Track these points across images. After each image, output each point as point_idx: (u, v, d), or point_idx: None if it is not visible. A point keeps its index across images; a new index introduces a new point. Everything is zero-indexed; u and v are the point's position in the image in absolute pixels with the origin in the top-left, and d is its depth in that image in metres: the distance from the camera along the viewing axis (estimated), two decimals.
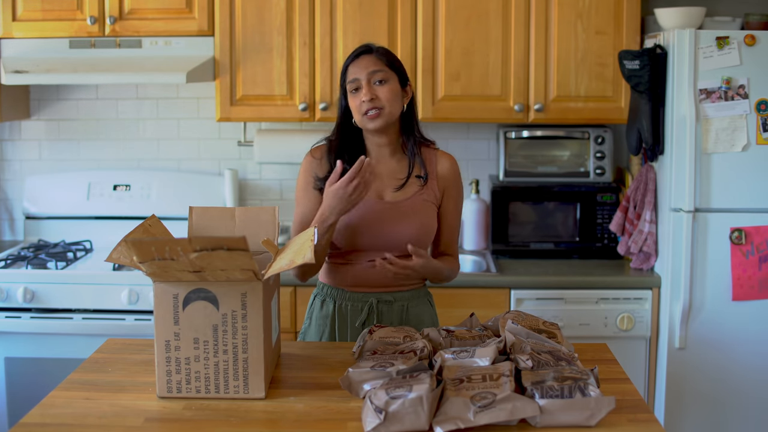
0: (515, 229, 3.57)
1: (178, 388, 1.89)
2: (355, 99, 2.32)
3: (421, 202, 2.37)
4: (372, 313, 2.37)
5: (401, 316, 2.39)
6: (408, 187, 2.38)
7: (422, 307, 2.44)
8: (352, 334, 2.38)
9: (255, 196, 3.89)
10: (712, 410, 3.20)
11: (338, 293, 2.40)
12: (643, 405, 1.88)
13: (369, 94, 2.29)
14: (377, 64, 2.33)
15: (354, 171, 2.17)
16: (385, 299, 2.38)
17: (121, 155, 3.87)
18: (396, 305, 2.39)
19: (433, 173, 2.40)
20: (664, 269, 3.23)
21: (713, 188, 3.13)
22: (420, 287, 2.45)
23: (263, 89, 3.48)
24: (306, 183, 2.40)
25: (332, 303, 2.41)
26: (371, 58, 2.34)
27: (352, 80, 2.32)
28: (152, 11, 3.44)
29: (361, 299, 2.38)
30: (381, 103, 2.30)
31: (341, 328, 2.40)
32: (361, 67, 2.32)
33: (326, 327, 2.41)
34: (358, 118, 2.33)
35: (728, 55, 3.08)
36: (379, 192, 2.38)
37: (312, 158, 2.42)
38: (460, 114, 3.47)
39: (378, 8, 3.41)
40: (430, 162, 2.41)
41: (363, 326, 2.37)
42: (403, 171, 2.39)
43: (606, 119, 3.48)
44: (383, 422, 1.66)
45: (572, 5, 3.39)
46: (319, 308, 2.44)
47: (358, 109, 2.31)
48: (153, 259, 1.77)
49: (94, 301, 3.25)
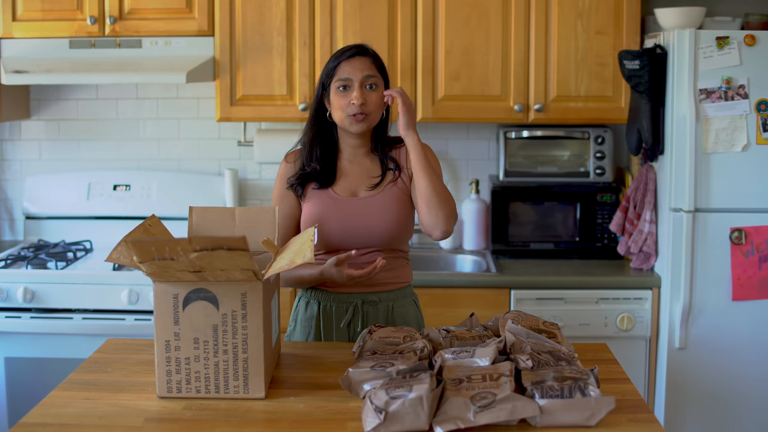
0: (515, 229, 3.57)
1: (178, 388, 1.89)
2: (342, 98, 2.31)
3: (393, 195, 2.37)
4: (357, 314, 2.37)
5: (386, 317, 2.39)
6: (381, 183, 2.39)
7: (408, 307, 2.44)
8: (338, 336, 2.38)
9: (255, 196, 3.89)
10: (712, 410, 3.20)
11: (322, 294, 2.40)
12: (643, 405, 1.88)
13: (362, 98, 2.29)
14: (371, 69, 2.33)
15: (367, 272, 2.22)
16: (369, 299, 2.37)
17: (121, 155, 3.87)
18: (381, 306, 2.38)
19: (404, 165, 2.41)
20: (664, 269, 3.23)
21: (713, 188, 3.13)
22: (405, 286, 2.44)
23: (263, 89, 3.48)
24: (281, 189, 2.43)
25: (317, 304, 2.40)
26: (366, 61, 2.34)
27: (343, 78, 2.31)
28: (152, 11, 3.44)
29: (346, 300, 2.38)
30: (369, 109, 2.31)
31: (326, 329, 2.39)
32: (356, 68, 2.31)
33: (311, 329, 2.40)
34: (340, 116, 2.33)
35: (728, 55, 3.08)
36: (353, 190, 2.39)
37: (286, 163, 2.45)
38: (460, 114, 3.47)
39: (378, 8, 3.41)
40: (401, 156, 2.43)
41: (349, 327, 2.37)
42: (376, 169, 2.40)
43: (606, 119, 3.48)
44: (383, 422, 1.66)
45: (572, 5, 3.39)
46: (304, 310, 2.43)
47: (344, 109, 2.31)
48: (153, 259, 1.77)
49: (94, 301, 3.25)
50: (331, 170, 2.39)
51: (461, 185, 3.83)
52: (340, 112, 2.32)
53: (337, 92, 2.32)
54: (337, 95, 2.32)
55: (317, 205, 2.35)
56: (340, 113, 2.33)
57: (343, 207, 2.36)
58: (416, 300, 2.50)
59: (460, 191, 3.82)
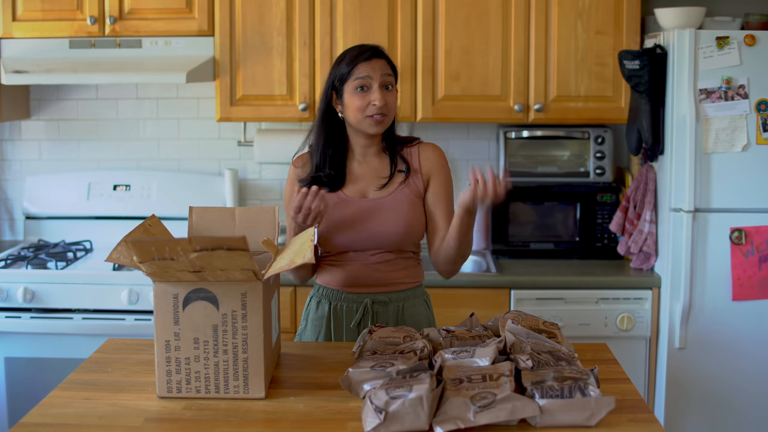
0: (515, 229, 3.58)
1: (178, 388, 1.89)
2: (360, 98, 2.30)
3: (405, 197, 2.37)
4: (367, 314, 2.37)
5: (397, 317, 2.39)
6: (391, 183, 2.38)
7: (418, 307, 2.43)
8: (348, 335, 2.38)
9: (255, 196, 3.89)
10: (712, 410, 3.20)
11: (333, 294, 2.40)
12: (643, 405, 1.88)
13: (383, 99, 2.29)
14: (388, 70, 2.33)
15: (300, 200, 2.17)
16: (380, 300, 2.37)
17: (121, 155, 3.87)
18: (391, 306, 2.38)
19: (416, 166, 2.40)
20: (664, 269, 3.23)
21: (713, 188, 3.13)
22: (416, 286, 2.44)
23: (263, 89, 3.48)
24: (292, 192, 2.41)
25: (327, 304, 2.40)
26: (383, 62, 2.33)
27: (362, 77, 2.29)
28: (152, 11, 3.44)
29: (356, 300, 2.38)
30: (387, 110, 2.31)
31: (336, 329, 2.39)
32: (375, 69, 2.30)
33: (322, 328, 2.41)
34: (357, 117, 2.31)
35: (728, 55, 3.08)
36: (363, 191, 2.38)
37: (294, 168, 2.44)
38: (460, 114, 3.47)
39: (378, 8, 3.41)
40: (412, 157, 2.41)
41: (359, 327, 2.37)
42: (385, 169, 2.40)
43: (606, 119, 3.48)
44: (383, 422, 1.66)
45: (572, 5, 3.39)
46: (315, 309, 2.43)
47: (362, 110, 2.29)
48: (153, 259, 1.77)
49: (94, 301, 3.25)
50: (341, 172, 2.38)
51: (461, 185, 3.83)
52: (358, 113, 2.30)
53: (355, 93, 2.30)
54: (354, 96, 2.30)
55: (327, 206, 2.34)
56: (358, 114, 2.30)
57: (352, 208, 2.35)
58: (428, 300, 2.49)
59: (460, 191, 3.80)
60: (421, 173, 2.40)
